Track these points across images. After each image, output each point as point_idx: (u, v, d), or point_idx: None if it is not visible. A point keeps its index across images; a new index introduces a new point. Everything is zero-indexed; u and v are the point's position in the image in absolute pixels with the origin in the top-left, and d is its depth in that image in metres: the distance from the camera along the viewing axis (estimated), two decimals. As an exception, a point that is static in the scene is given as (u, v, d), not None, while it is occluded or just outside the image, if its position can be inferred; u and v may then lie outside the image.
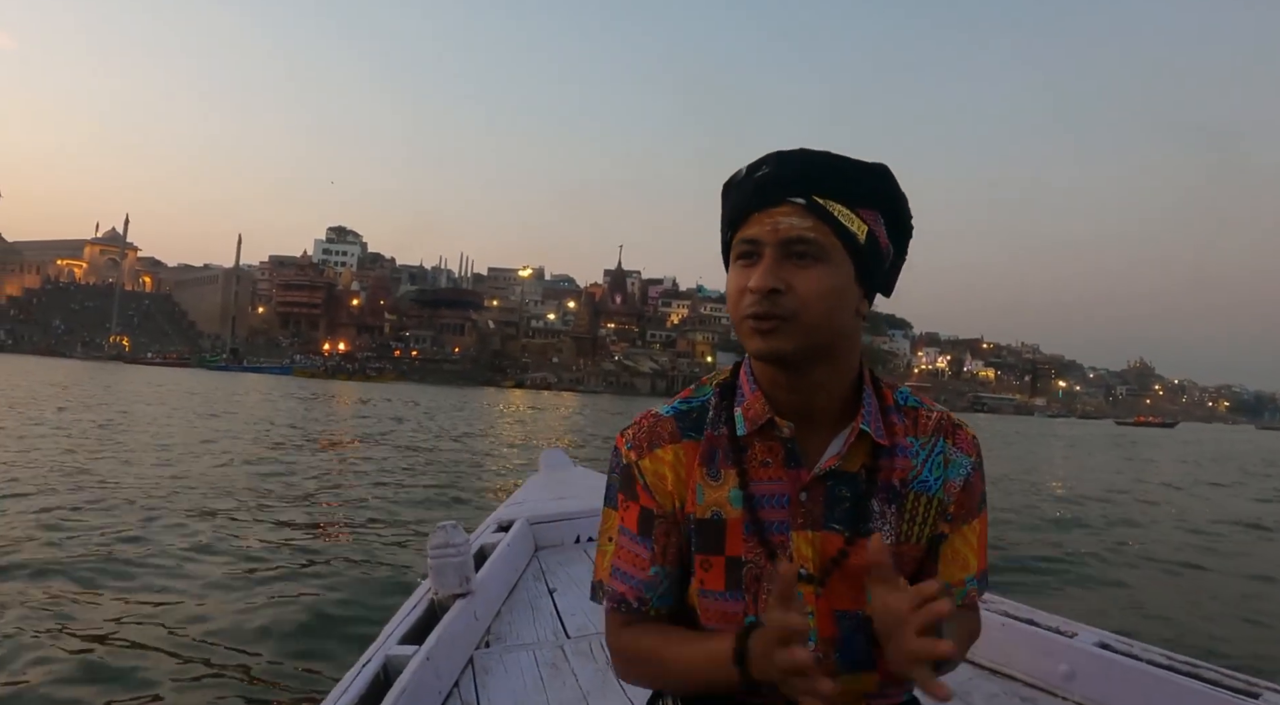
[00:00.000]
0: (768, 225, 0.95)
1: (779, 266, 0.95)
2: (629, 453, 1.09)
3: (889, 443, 1.03)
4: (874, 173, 1.00)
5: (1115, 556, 8.69)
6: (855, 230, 0.96)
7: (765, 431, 1.03)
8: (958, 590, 1.06)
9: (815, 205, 0.94)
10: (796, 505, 1.01)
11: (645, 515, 1.07)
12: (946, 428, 1.06)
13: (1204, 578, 8.02)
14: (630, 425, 1.12)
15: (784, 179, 0.96)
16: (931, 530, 1.04)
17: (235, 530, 7.09)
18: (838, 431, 1.03)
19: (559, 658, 2.22)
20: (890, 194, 1.01)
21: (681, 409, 1.10)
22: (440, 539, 2.34)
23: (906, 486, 1.02)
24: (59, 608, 4.69)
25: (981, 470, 1.08)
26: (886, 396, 1.07)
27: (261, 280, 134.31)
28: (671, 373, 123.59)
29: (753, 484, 1.03)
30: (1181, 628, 5.88)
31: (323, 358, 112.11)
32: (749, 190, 0.98)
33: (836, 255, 0.95)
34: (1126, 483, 17.24)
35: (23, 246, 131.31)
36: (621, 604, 1.08)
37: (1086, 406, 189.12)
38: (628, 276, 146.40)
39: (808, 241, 0.94)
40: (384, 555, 6.36)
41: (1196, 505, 14.31)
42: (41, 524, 6.58)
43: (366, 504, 8.78)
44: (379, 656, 1.92)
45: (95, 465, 10.11)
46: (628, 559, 1.08)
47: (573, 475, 4.48)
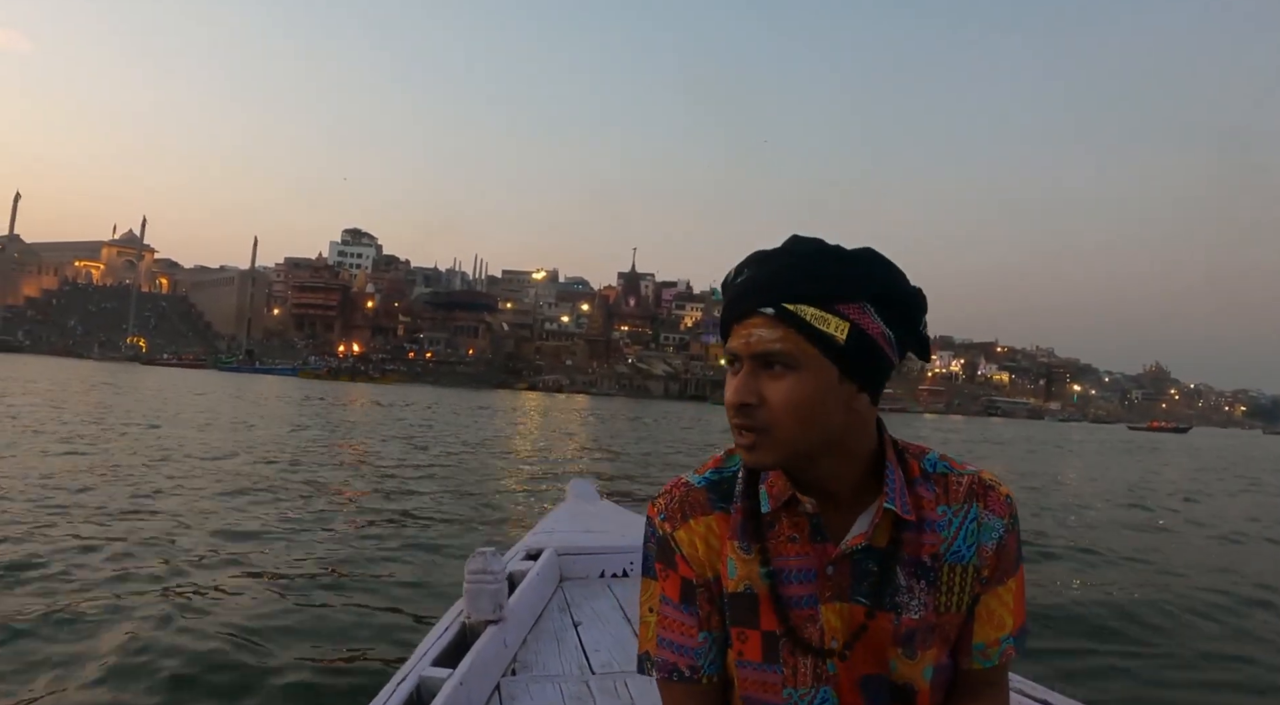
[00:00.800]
0: (741, 338, 0.96)
1: (752, 379, 0.95)
2: (663, 524, 1.10)
3: (915, 518, 1.02)
4: (852, 262, 0.97)
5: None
6: (832, 332, 0.94)
7: (790, 508, 1.03)
8: (993, 650, 1.05)
9: (784, 313, 0.93)
10: (824, 579, 1.02)
11: (686, 585, 1.08)
12: (978, 492, 1.05)
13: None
14: (661, 494, 1.12)
15: (755, 287, 0.96)
16: (970, 595, 1.04)
17: (255, 537, 7.11)
18: (864, 504, 1.02)
19: (584, 692, 2.21)
20: (876, 281, 0.97)
21: (713, 479, 1.10)
22: (478, 565, 2.36)
23: (940, 560, 1.02)
24: (77, 616, 4.71)
25: (1016, 530, 1.06)
26: (913, 467, 1.06)
27: (277, 282, 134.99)
28: (684, 376, 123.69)
29: (777, 559, 1.03)
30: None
31: (337, 359, 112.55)
32: (730, 299, 0.99)
33: (811, 361, 0.94)
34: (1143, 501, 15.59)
35: (41, 248, 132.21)
36: (674, 673, 1.08)
37: (1099, 411, 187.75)
38: (641, 279, 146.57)
39: (775, 354, 0.94)
40: (402, 571, 6.33)
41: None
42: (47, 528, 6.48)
43: (377, 516, 8.71)
44: (413, 677, 1.95)
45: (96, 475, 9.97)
46: (674, 628, 1.08)
47: (600, 509, 4.48)
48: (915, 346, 1.04)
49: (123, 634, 4.41)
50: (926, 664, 1.01)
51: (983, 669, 1.06)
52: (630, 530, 3.80)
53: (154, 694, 3.75)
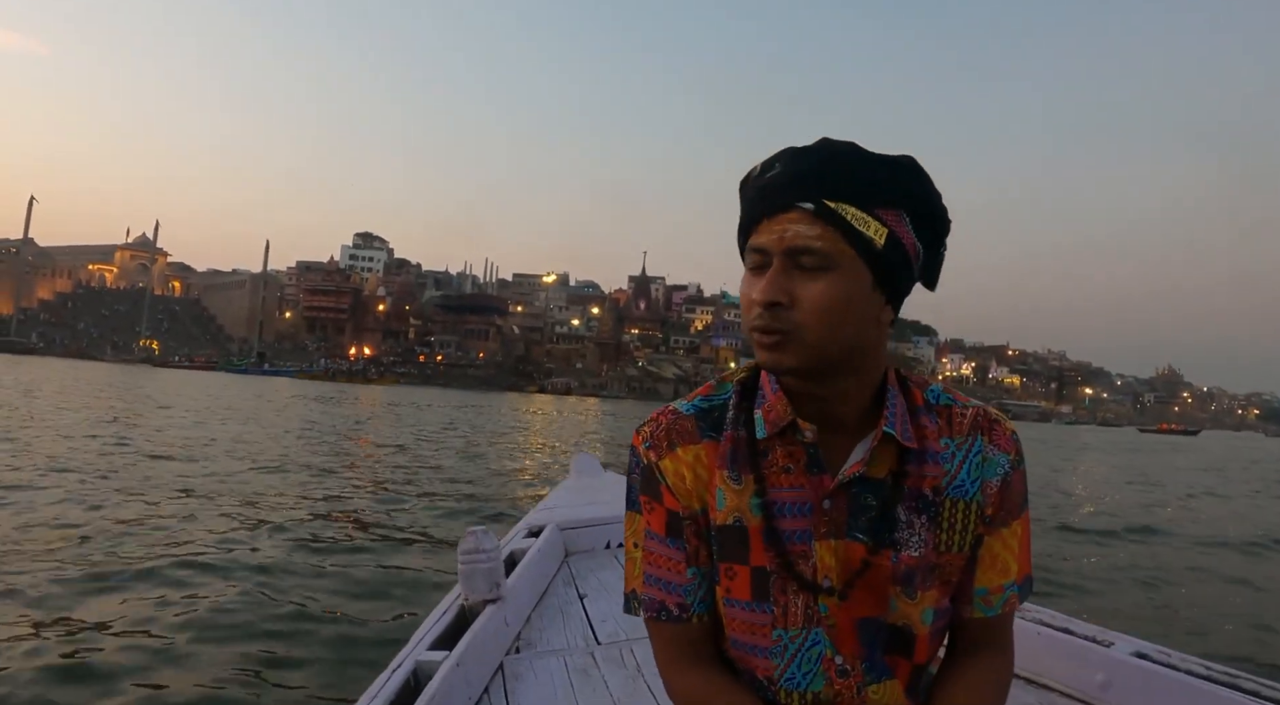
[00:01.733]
0: (775, 233, 0.91)
1: (784, 277, 0.90)
2: (648, 453, 1.04)
3: (918, 446, 0.97)
4: (896, 167, 0.93)
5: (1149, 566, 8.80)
6: (872, 235, 0.89)
7: (786, 435, 0.98)
8: (995, 597, 1.01)
9: (825, 210, 0.88)
10: (819, 513, 0.97)
11: (672, 517, 1.03)
12: (983, 424, 1.00)
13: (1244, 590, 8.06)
14: (647, 422, 1.06)
15: (793, 181, 0.90)
16: (973, 536, 0.99)
17: (258, 533, 7.17)
18: (863, 436, 0.98)
19: (589, 664, 2.20)
20: (916, 189, 0.93)
21: (702, 407, 1.05)
22: (470, 544, 2.33)
23: (941, 494, 0.97)
24: (64, 608, 4.79)
25: (1022, 468, 1.01)
26: (916, 396, 1.01)
27: (289, 285, 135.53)
28: (694, 379, 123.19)
29: (772, 490, 0.98)
30: (1221, 638, 5.90)
31: (349, 362, 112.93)
32: (758, 193, 0.93)
33: (848, 263, 0.89)
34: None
35: (55, 251, 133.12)
36: (661, 612, 1.03)
37: (1106, 413, 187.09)
38: (652, 282, 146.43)
39: (813, 251, 0.88)
40: (409, 559, 6.40)
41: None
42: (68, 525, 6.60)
43: (380, 510, 8.78)
44: (409, 662, 1.92)
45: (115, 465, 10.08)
46: (661, 564, 1.03)
47: (603, 480, 4.44)
48: (930, 269, 0.99)
49: (133, 614, 4.55)
50: (926, 605, 0.97)
51: (985, 618, 1.01)
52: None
53: (154, 678, 3.83)
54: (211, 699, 3.71)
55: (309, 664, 4.16)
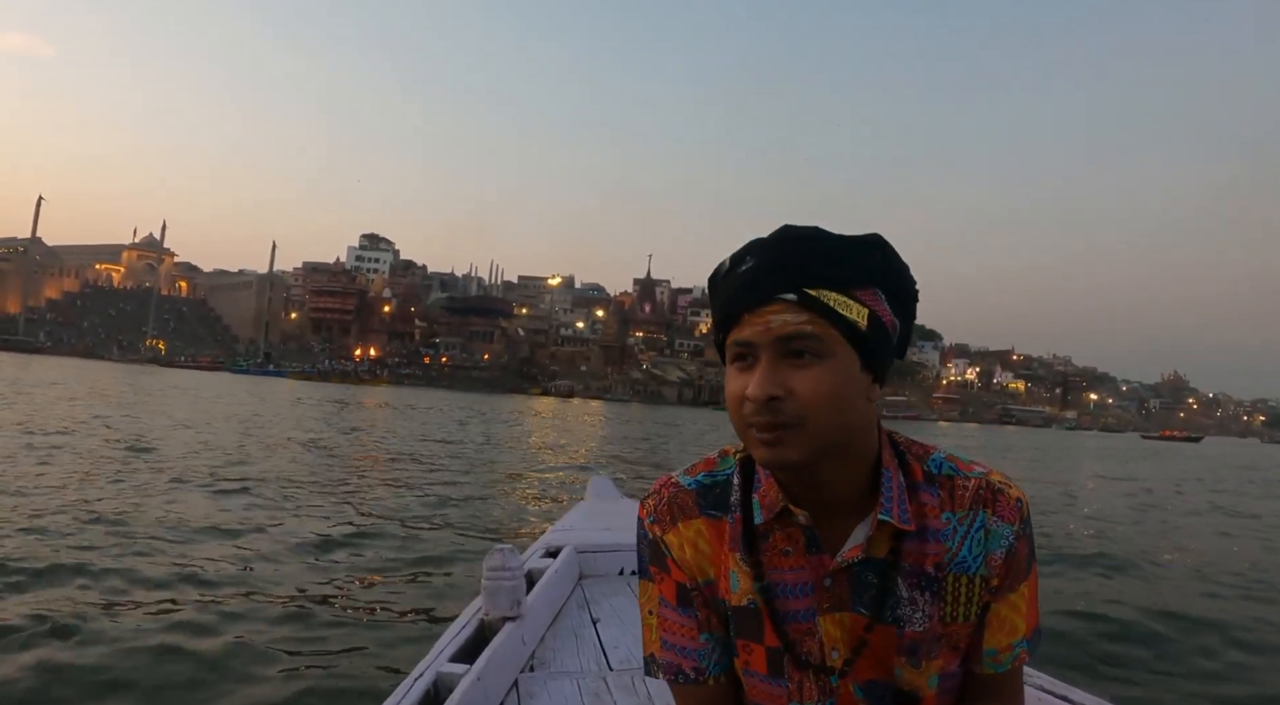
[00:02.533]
0: (759, 326, 0.90)
1: (776, 370, 0.89)
2: (652, 527, 1.07)
3: (915, 528, 0.97)
4: (866, 247, 0.94)
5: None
6: (854, 317, 0.89)
7: (783, 519, 0.99)
8: (1005, 656, 1.01)
9: (807, 298, 0.88)
10: (821, 591, 0.98)
11: (681, 588, 1.05)
12: (985, 497, 0.98)
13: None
14: (650, 495, 1.09)
15: (770, 273, 0.90)
16: (979, 606, 0.99)
17: (261, 533, 7.19)
18: (861, 513, 0.98)
19: (602, 689, 2.21)
20: (887, 267, 0.94)
21: (704, 483, 1.06)
22: (497, 562, 2.37)
23: (943, 570, 0.97)
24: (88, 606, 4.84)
25: (1027, 534, 1.01)
26: (915, 471, 1.00)
27: (295, 286, 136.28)
28: (699, 382, 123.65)
29: (771, 573, 1.00)
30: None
31: (354, 363, 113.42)
32: (736, 288, 0.93)
33: (838, 348, 0.89)
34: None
35: (62, 251, 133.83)
36: (679, 675, 1.05)
37: (1109, 419, 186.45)
38: (657, 285, 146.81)
39: (805, 337, 0.88)
40: (419, 571, 6.40)
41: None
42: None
43: (386, 516, 8.82)
44: (430, 672, 1.97)
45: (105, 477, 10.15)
46: (675, 630, 1.06)
47: (620, 507, 4.45)
48: (903, 341, 1.00)
49: (147, 625, 4.56)
50: (932, 673, 0.98)
51: (995, 674, 1.02)
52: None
53: (167, 688, 3.85)
54: (229, 701, 3.75)
55: (323, 666, 4.20)
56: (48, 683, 3.83)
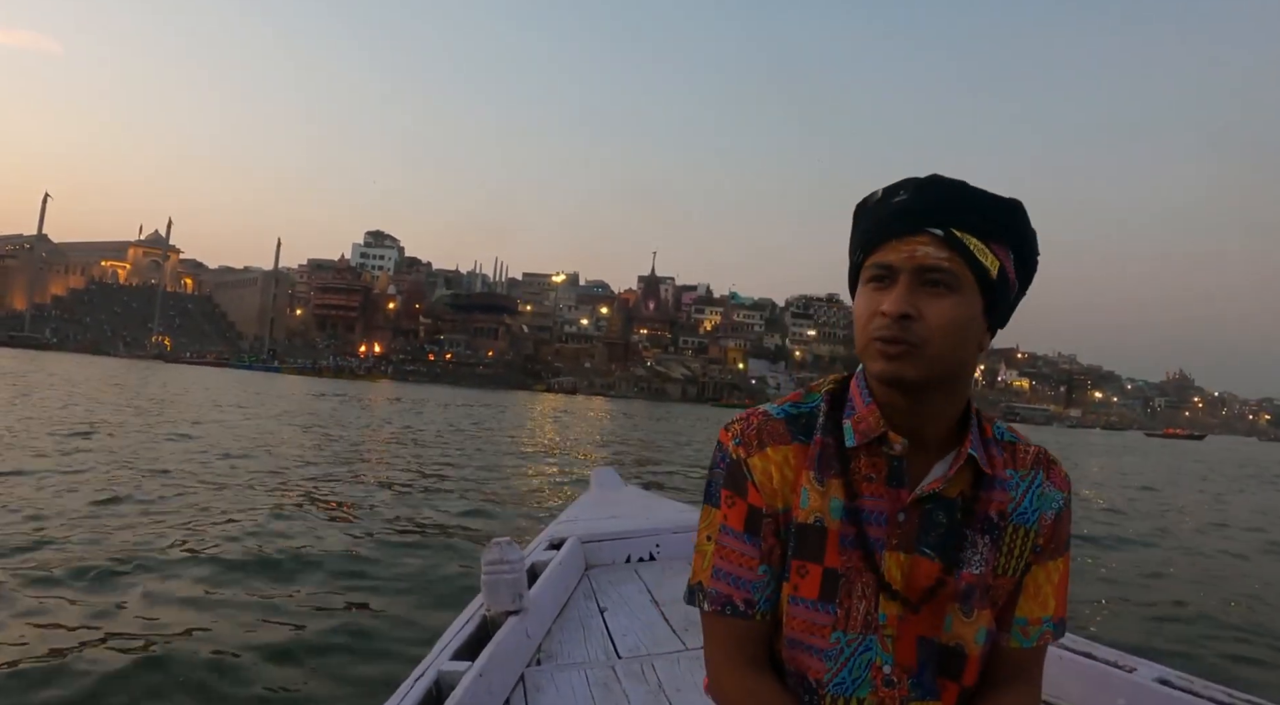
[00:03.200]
0: (904, 252, 0.96)
1: (912, 293, 0.95)
2: (737, 449, 1.07)
3: (990, 471, 1.03)
4: (1008, 208, 1.00)
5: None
6: (988, 265, 0.96)
7: (873, 447, 1.03)
8: (1033, 630, 1.05)
9: (952, 237, 0.95)
10: (894, 525, 1.01)
11: (753, 513, 1.05)
12: (1044, 462, 1.07)
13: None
14: (736, 421, 1.10)
15: (923, 208, 0.96)
16: (1025, 563, 1.04)
17: (271, 535, 7.12)
18: (940, 456, 1.03)
19: (610, 678, 2.19)
20: (1021, 231, 1.00)
21: (792, 412, 1.09)
22: (495, 555, 2.34)
23: (1005, 519, 1.02)
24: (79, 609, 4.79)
25: (1070, 509, 1.08)
26: (986, 429, 1.07)
27: (300, 283, 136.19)
28: (703, 379, 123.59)
29: (857, 498, 1.02)
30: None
31: (358, 360, 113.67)
32: (886, 216, 0.98)
33: (968, 288, 0.96)
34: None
35: (68, 248, 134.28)
36: (727, 606, 1.05)
37: (1111, 417, 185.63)
38: (661, 283, 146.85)
39: (943, 271, 0.94)
40: (424, 568, 6.34)
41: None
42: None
43: (393, 515, 8.70)
44: (431, 671, 1.93)
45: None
46: (733, 558, 1.05)
47: (624, 495, 4.47)
48: (1008, 309, 1.05)
49: (148, 619, 4.58)
50: (981, 625, 1.01)
51: (1020, 649, 1.05)
52: (655, 514, 3.81)
53: (170, 684, 3.82)
54: (230, 701, 3.74)
55: (324, 668, 4.17)
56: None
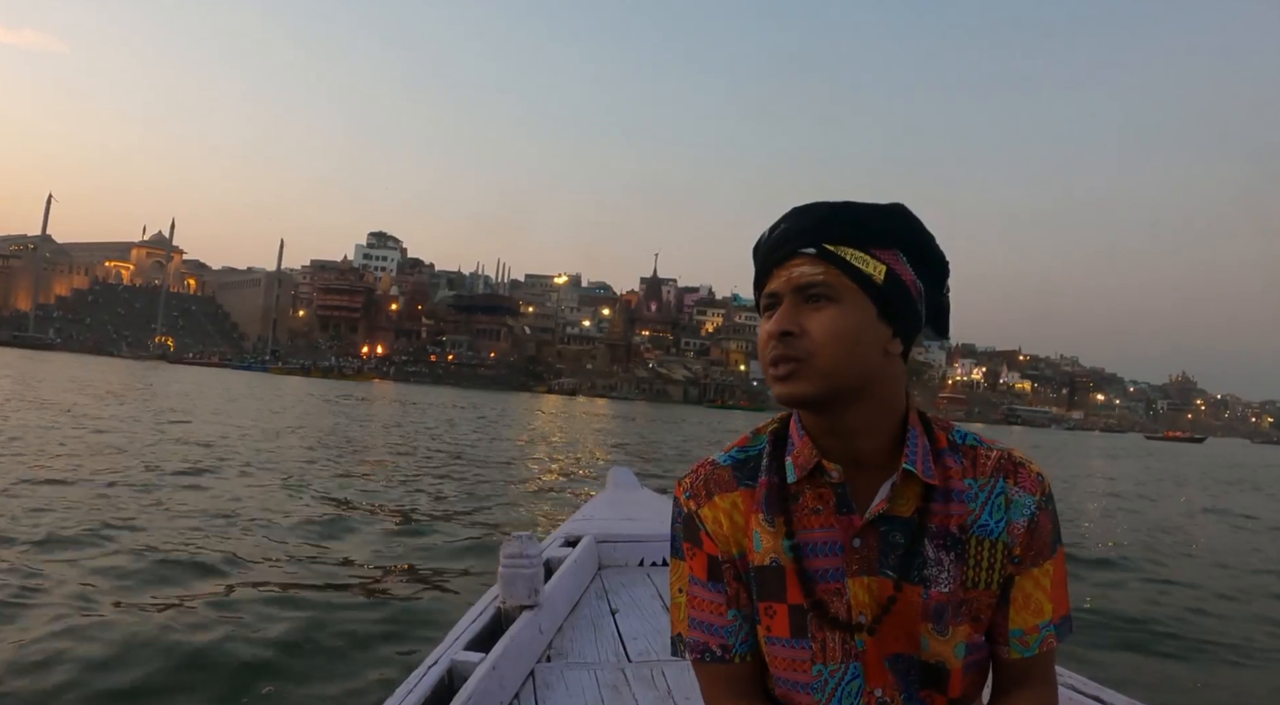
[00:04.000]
0: (783, 277, 0.99)
1: (794, 311, 0.98)
2: (688, 502, 1.10)
3: (940, 483, 1.01)
4: (886, 214, 1.02)
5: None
6: (870, 271, 0.97)
7: (815, 478, 1.03)
8: (1031, 638, 1.03)
9: (826, 252, 0.97)
10: (851, 552, 1.01)
11: (713, 562, 1.08)
12: (1007, 467, 1.03)
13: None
14: (688, 474, 1.13)
15: (796, 232, 0.99)
16: (1001, 574, 1.02)
17: (285, 526, 7.28)
18: (888, 475, 1.02)
19: (620, 680, 2.19)
20: (906, 231, 1.02)
21: (739, 458, 1.11)
22: (514, 549, 2.35)
23: (966, 532, 1.01)
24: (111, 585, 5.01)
25: (1050, 510, 1.05)
26: (940, 438, 1.05)
27: (302, 284, 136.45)
28: (704, 381, 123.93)
29: (801, 532, 1.03)
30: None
31: (360, 361, 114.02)
32: (768, 247, 1.02)
33: (851, 296, 0.97)
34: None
35: (72, 248, 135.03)
36: (705, 653, 1.07)
37: (1109, 419, 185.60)
38: (663, 284, 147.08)
39: (819, 284, 0.97)
40: (437, 559, 6.45)
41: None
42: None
43: (407, 507, 8.87)
44: (445, 660, 1.93)
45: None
46: (703, 607, 1.08)
47: (640, 496, 4.46)
48: (937, 312, 1.07)
49: (162, 612, 4.65)
50: (958, 640, 1.00)
51: (1023, 658, 1.03)
52: (670, 518, 3.88)
53: (184, 675, 3.86)
54: (241, 691, 3.73)
55: (336, 654, 4.21)
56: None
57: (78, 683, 3.71)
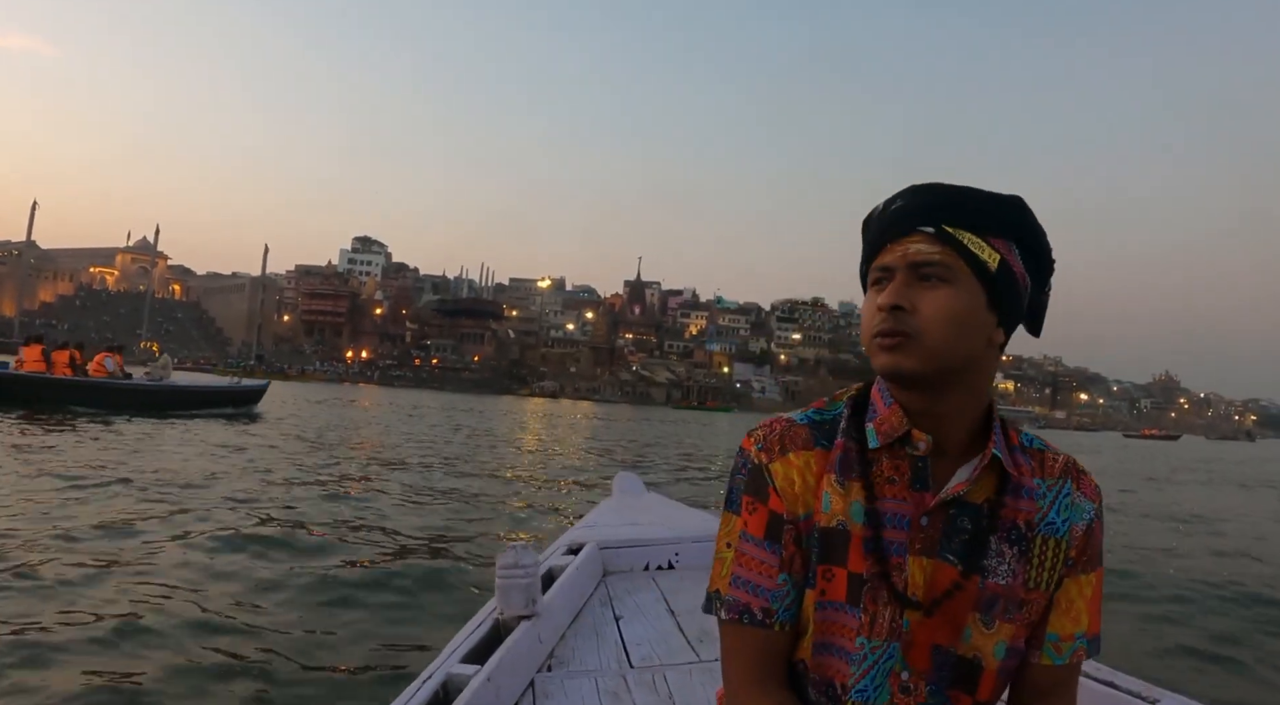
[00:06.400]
0: (899, 252, 0.98)
1: (906, 287, 0.96)
2: (759, 454, 1.05)
3: (1017, 478, 1.00)
4: (1006, 203, 1.00)
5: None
6: (986, 258, 0.96)
7: (896, 448, 1.01)
8: (1065, 646, 1.02)
9: (944, 233, 0.96)
10: (916, 529, 0.99)
11: (774, 520, 1.03)
12: (1073, 471, 1.04)
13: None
14: (759, 427, 1.09)
15: (915, 210, 0.98)
16: (1059, 574, 1.01)
17: (274, 535, 7.01)
18: (964, 461, 1.01)
19: (620, 687, 2.16)
20: (1023, 224, 1.00)
21: (815, 418, 1.08)
22: (510, 559, 2.32)
23: (1033, 529, 1.00)
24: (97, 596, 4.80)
25: (1102, 520, 1.05)
26: (1012, 436, 1.05)
27: (288, 289, 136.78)
28: (687, 383, 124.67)
29: (878, 500, 1.00)
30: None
31: (345, 365, 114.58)
32: (883, 222, 1.01)
33: (965, 280, 0.96)
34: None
35: (57, 254, 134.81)
36: (744, 615, 1.02)
37: (1083, 419, 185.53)
38: (647, 287, 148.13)
39: (935, 264, 0.95)
40: (434, 572, 6.21)
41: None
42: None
43: (403, 518, 8.54)
44: (439, 674, 1.90)
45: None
46: (752, 566, 1.03)
47: (645, 501, 4.43)
48: (1035, 309, 1.05)
49: (144, 619, 4.50)
50: (1001, 639, 0.99)
51: (1052, 666, 1.02)
52: (676, 522, 3.74)
53: (177, 686, 3.73)
54: (233, 699, 3.65)
55: (329, 669, 4.08)
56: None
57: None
